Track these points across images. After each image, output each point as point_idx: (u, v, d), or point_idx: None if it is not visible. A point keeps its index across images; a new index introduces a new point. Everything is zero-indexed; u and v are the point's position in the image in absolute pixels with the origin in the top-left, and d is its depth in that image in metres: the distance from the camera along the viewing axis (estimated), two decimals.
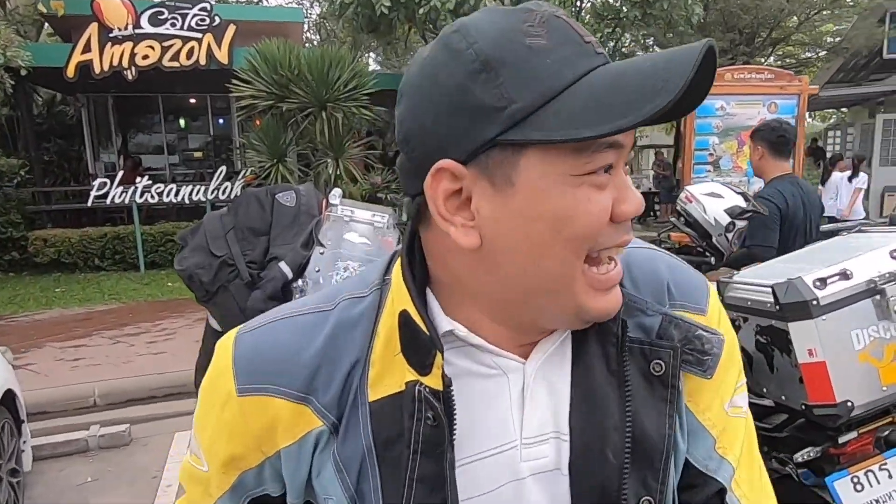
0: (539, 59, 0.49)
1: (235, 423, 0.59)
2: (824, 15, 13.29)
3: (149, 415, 4.49)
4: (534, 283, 0.55)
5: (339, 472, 0.57)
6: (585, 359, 0.60)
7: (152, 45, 8.72)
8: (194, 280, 2.53)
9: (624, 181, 0.54)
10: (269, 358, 0.58)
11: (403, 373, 0.57)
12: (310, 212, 2.75)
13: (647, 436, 0.59)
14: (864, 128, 14.25)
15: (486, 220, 0.53)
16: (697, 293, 0.64)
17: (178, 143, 12.89)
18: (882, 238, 1.86)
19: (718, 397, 0.64)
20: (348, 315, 0.60)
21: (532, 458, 0.59)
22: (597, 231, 0.53)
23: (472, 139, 0.51)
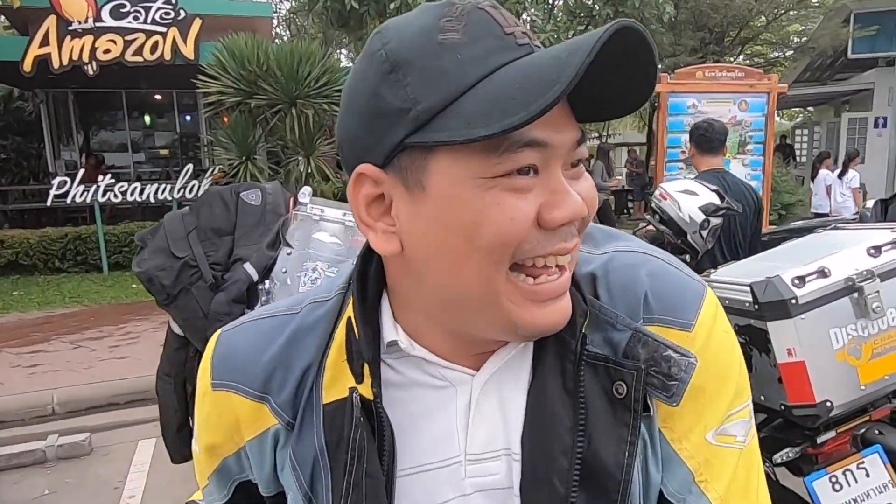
0: (449, 56, 0.47)
1: (210, 415, 0.62)
2: (791, 15, 13.57)
3: (110, 423, 4.33)
4: (457, 294, 0.52)
5: (294, 469, 0.58)
6: (543, 374, 0.56)
7: (114, 39, 8.46)
8: (154, 283, 2.42)
9: (559, 185, 0.49)
10: (235, 357, 0.61)
11: (349, 378, 0.57)
12: (276, 211, 2.65)
13: (602, 464, 0.54)
14: (831, 126, 14.63)
15: (405, 227, 0.52)
16: (684, 306, 0.57)
17: (144, 141, 12.57)
18: (858, 235, 1.85)
19: (700, 425, 0.57)
20: (309, 319, 0.61)
21: (478, 475, 0.57)
22: (513, 239, 0.48)
23: (384, 143, 0.50)
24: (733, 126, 6.56)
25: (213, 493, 0.67)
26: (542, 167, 0.49)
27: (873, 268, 1.63)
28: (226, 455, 0.63)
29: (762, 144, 6.56)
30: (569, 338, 0.55)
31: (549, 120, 0.46)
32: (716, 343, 0.57)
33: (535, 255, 0.50)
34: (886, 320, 1.63)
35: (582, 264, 0.59)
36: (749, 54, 15.01)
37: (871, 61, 13.86)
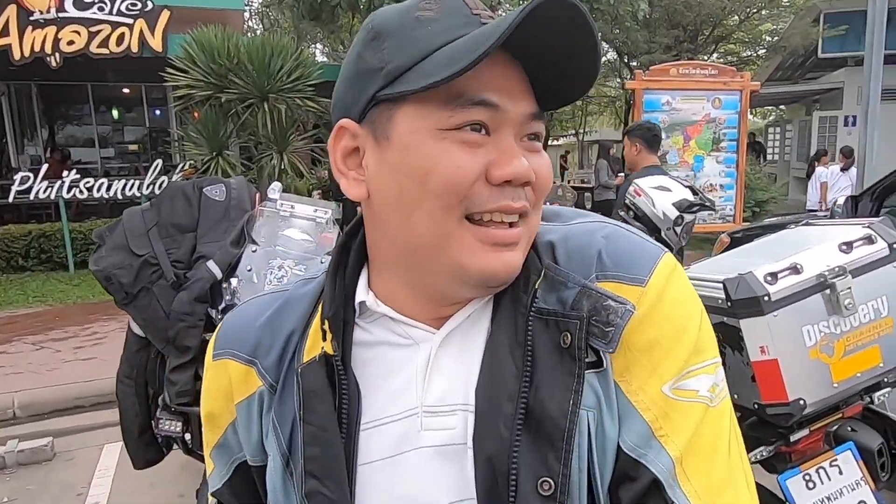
0: (422, 27, 0.55)
1: (210, 384, 0.68)
2: (763, 14, 13.77)
3: (74, 426, 4.21)
4: (411, 239, 0.57)
5: (274, 429, 0.62)
6: (498, 330, 0.59)
7: (78, 31, 8.21)
8: (113, 282, 2.32)
9: (508, 147, 0.55)
10: (233, 328, 0.68)
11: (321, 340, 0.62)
12: (241, 206, 2.57)
13: (546, 411, 0.55)
14: (802, 124, 14.90)
15: (371, 174, 0.58)
16: (638, 263, 0.59)
17: (112, 136, 12.28)
18: (829, 231, 1.84)
19: (655, 376, 0.56)
20: (295, 294, 0.67)
21: (435, 428, 0.59)
22: (460, 186, 0.54)
23: (362, 99, 0.57)
24: (707, 123, 6.62)
25: (215, 475, 0.70)
26: (493, 129, 0.55)
27: (845, 264, 1.62)
28: (224, 425, 0.67)
29: (735, 142, 6.63)
30: (522, 293, 0.59)
31: (503, 87, 0.54)
32: (671, 297, 0.58)
33: (483, 208, 0.55)
34: (858, 317, 1.62)
35: (544, 234, 0.63)
36: (722, 52, 15.20)
37: (841, 61, 14.14)
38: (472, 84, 0.53)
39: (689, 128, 6.55)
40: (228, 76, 7.80)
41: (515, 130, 0.56)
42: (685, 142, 6.61)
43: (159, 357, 2.41)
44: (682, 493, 0.54)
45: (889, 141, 6.53)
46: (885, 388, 1.77)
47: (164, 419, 2.32)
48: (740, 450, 0.58)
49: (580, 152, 23.27)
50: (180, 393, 2.22)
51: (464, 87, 0.53)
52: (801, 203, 13.75)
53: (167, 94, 9.99)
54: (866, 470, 1.73)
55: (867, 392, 1.75)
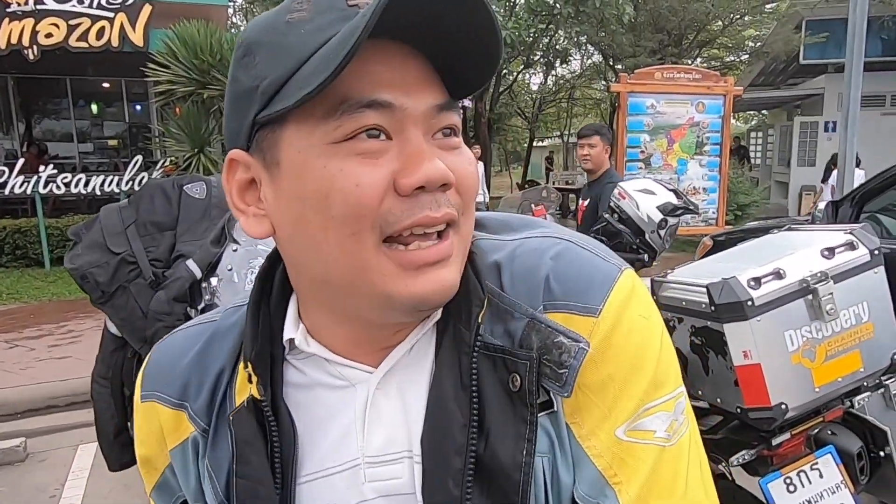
0: (294, 32, 0.48)
1: (140, 427, 0.62)
2: (746, 20, 13.95)
3: (48, 426, 4.12)
4: (324, 273, 0.50)
5: (210, 478, 0.57)
6: (441, 370, 0.53)
7: (57, 23, 8.06)
8: (89, 280, 2.27)
9: (414, 149, 0.47)
10: (159, 367, 0.61)
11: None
12: (222, 205, 2.52)
13: (499, 463, 0.50)
14: (783, 129, 15.10)
15: (271, 208, 0.51)
16: (590, 290, 0.52)
17: (91, 131, 12.08)
18: (812, 236, 1.85)
19: (610, 419, 0.51)
20: (223, 326, 0.61)
21: (379, 479, 0.54)
22: (364, 207, 0.46)
23: (244, 125, 0.50)
24: (691, 127, 6.67)
25: None
26: (394, 131, 0.47)
27: (827, 269, 1.63)
28: (161, 468, 0.62)
29: (719, 146, 6.70)
30: (464, 329, 0.52)
31: (395, 81, 0.47)
32: (626, 328, 0.51)
33: (400, 226, 0.47)
34: (840, 322, 1.64)
35: (490, 252, 0.56)
36: (706, 57, 15.39)
37: (822, 67, 14.36)
38: (357, 85, 0.46)
39: (673, 131, 6.61)
40: (211, 72, 7.72)
41: (423, 128, 0.48)
42: (669, 145, 6.66)
43: (136, 357, 2.36)
44: None
45: (867, 147, 6.65)
46: (865, 393, 1.79)
47: None
48: (703, 478, 0.53)
49: (565, 154, 23.37)
50: None
51: (347, 90, 0.46)
52: (782, 207, 13.96)
53: (148, 90, 9.85)
54: (846, 473, 1.75)
55: (847, 396, 1.77)
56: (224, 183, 0.54)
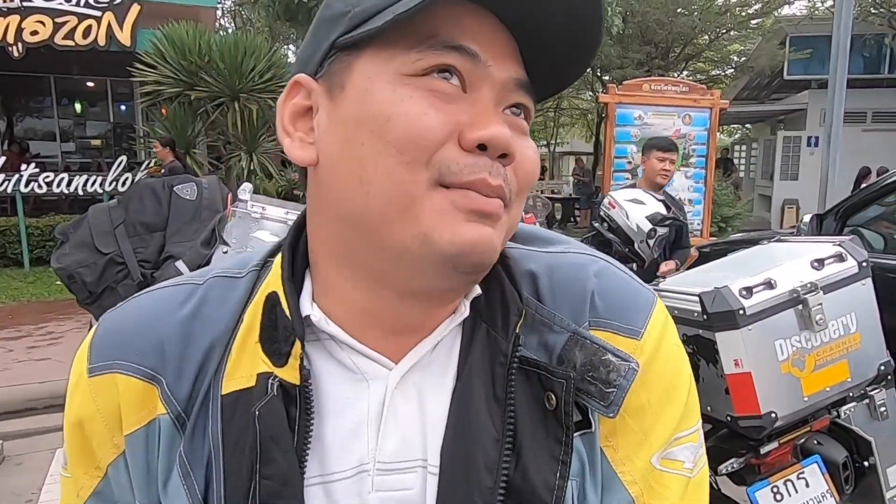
0: None
1: (85, 409, 0.50)
2: (732, 35, 14.18)
3: (25, 429, 4.03)
4: (362, 207, 0.45)
5: (184, 477, 0.48)
6: (469, 377, 0.49)
7: (42, 21, 7.95)
8: (76, 280, 2.25)
9: (486, 108, 0.45)
10: (123, 332, 0.51)
11: (257, 364, 0.48)
12: (213, 207, 2.51)
13: (530, 484, 0.47)
14: (767, 143, 15.36)
15: (322, 134, 0.48)
16: (633, 311, 0.52)
17: (74, 130, 11.91)
18: (801, 247, 1.88)
19: (646, 446, 0.51)
20: (216, 293, 0.52)
21: (388, 489, 0.48)
22: (427, 140, 0.43)
23: (322, 48, 0.48)
24: (677, 139, 6.75)
25: None
26: (470, 84, 0.45)
27: (817, 280, 1.66)
28: (105, 465, 0.51)
29: (704, 158, 6.77)
30: (500, 337, 0.49)
31: (487, 39, 0.45)
32: (664, 356, 0.52)
33: (457, 179, 0.44)
34: (828, 332, 1.66)
35: (523, 261, 0.54)
36: (692, 70, 15.60)
37: (805, 83, 14.65)
38: (448, 28, 0.44)
39: None
40: (199, 74, 7.66)
41: (497, 94, 0.46)
42: None
43: None
44: None
45: (849, 162, 6.77)
46: (851, 403, 1.82)
47: None
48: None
49: (551, 163, 23.54)
50: None
51: (438, 28, 0.43)
52: (764, 220, 14.16)
53: (134, 90, 9.74)
54: (831, 483, 1.77)
55: (834, 406, 1.80)
56: (279, 104, 0.50)
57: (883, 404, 1.87)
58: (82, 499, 0.52)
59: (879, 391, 1.86)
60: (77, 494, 0.53)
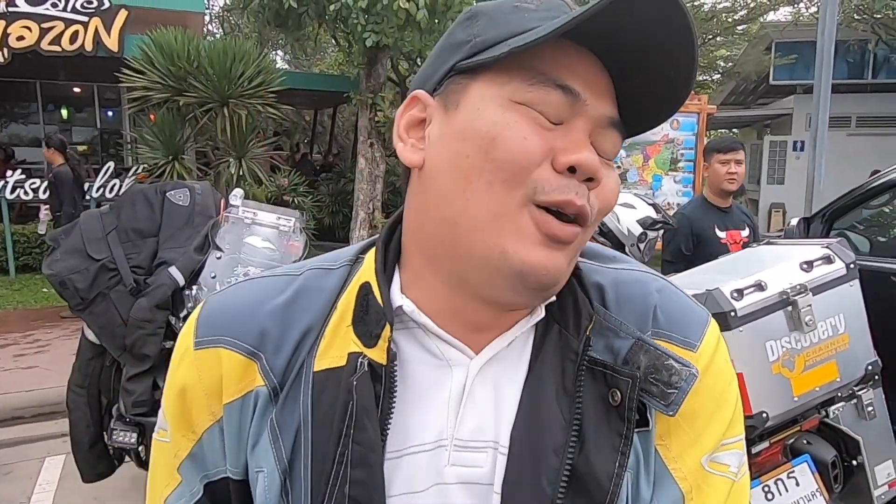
0: (518, 14, 0.53)
1: (189, 378, 0.57)
2: (718, 41, 14.32)
3: (13, 438, 3.98)
4: (458, 215, 0.51)
5: (273, 441, 0.54)
6: (540, 370, 0.55)
7: (29, 26, 7.88)
8: (67, 286, 2.23)
9: (579, 136, 0.51)
10: (228, 312, 0.58)
11: (349, 345, 0.55)
12: (206, 212, 2.50)
13: (591, 470, 0.52)
14: (754, 148, 15.49)
15: (432, 142, 0.54)
16: (690, 326, 0.58)
17: (60, 136, 11.81)
18: (790, 250, 1.91)
19: (697, 447, 0.56)
20: (312, 284, 0.59)
21: (462, 464, 0.54)
22: (526, 162, 0.49)
23: (441, 70, 0.55)
24: (666, 143, 6.82)
25: (182, 492, 0.59)
26: (567, 118, 0.51)
27: (806, 282, 1.69)
28: (201, 431, 0.58)
29: (692, 162, 6.84)
30: (572, 337, 0.55)
31: (589, 80, 0.51)
32: (716, 368, 0.57)
33: (549, 198, 0.49)
34: (817, 333, 1.69)
35: (591, 274, 0.60)
36: None
37: (791, 88, 14.81)
38: (556, 68, 0.50)
39: (649, 147, 6.74)
40: (187, 79, 7.63)
41: (590, 128, 0.51)
42: (644, 161, 6.79)
43: (115, 365, 2.32)
44: None
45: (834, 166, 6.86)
46: (839, 403, 1.84)
47: (118, 430, 2.23)
48: None
49: None
50: (137, 403, 2.14)
51: (548, 67, 0.50)
52: None
53: (121, 95, 9.67)
54: (821, 481, 1.80)
55: (823, 406, 1.82)
56: (397, 114, 0.58)
57: (870, 404, 1.90)
58: (179, 458, 0.59)
59: (867, 391, 1.89)
60: (175, 455, 0.59)
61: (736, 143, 3.08)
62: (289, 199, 8.89)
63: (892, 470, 1.91)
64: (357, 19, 6.86)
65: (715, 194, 3.05)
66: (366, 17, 6.90)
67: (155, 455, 0.61)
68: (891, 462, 1.91)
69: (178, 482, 0.59)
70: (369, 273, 0.57)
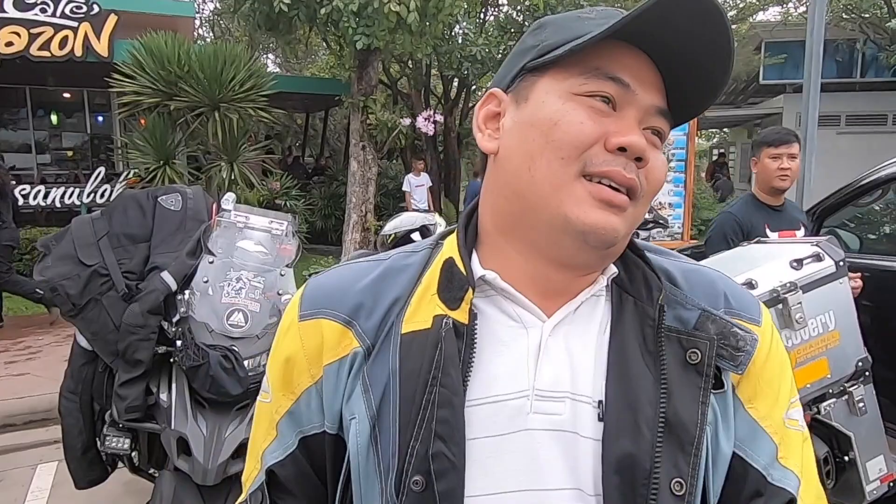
0: (580, 22, 0.62)
1: (293, 346, 0.67)
2: None
3: (5, 446, 3.96)
4: (526, 187, 0.61)
5: (365, 391, 0.62)
6: (622, 335, 0.63)
7: (17, 32, 7.84)
8: (59, 292, 2.21)
9: (629, 122, 0.59)
10: (327, 290, 0.68)
11: (434, 310, 0.63)
12: (197, 217, 2.49)
13: (679, 418, 0.60)
14: (745, 147, 15.58)
15: (505, 132, 0.65)
16: (752, 308, 0.68)
17: (50, 142, 11.72)
18: (780, 248, 1.93)
19: (777, 406, 0.66)
20: (399, 263, 0.69)
21: (543, 413, 0.60)
22: (580, 141, 0.58)
23: (514, 70, 0.65)
24: None
25: (277, 445, 0.68)
26: (619, 106, 0.60)
27: (796, 280, 1.70)
28: (300, 391, 0.66)
29: (684, 162, 6.86)
30: (647, 306, 0.63)
31: (637, 74, 0.60)
32: (776, 342, 0.68)
33: (597, 169, 0.58)
34: (808, 330, 1.70)
35: (659, 262, 0.69)
36: None
37: (781, 87, 14.89)
38: (609, 63, 0.59)
39: None
40: (178, 84, 7.60)
41: (639, 115, 0.60)
42: None
43: (107, 371, 2.30)
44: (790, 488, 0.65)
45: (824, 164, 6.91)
46: (831, 399, 1.86)
47: (111, 436, 2.21)
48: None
49: None
50: (129, 408, 2.13)
51: (602, 63, 0.59)
52: None
53: (111, 100, 9.64)
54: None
55: (814, 403, 1.84)
56: (476, 109, 0.68)
57: (861, 400, 1.91)
58: (279, 415, 0.68)
59: (858, 387, 1.90)
60: (275, 411, 0.68)
61: (789, 134, 2.72)
62: (281, 202, 8.87)
63: (884, 465, 1.93)
64: (348, 22, 6.85)
65: (765, 192, 2.72)
66: (357, 20, 6.89)
67: (257, 414, 0.72)
68: (882, 457, 1.93)
69: (274, 437, 0.68)
70: (452, 250, 0.67)
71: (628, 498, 0.57)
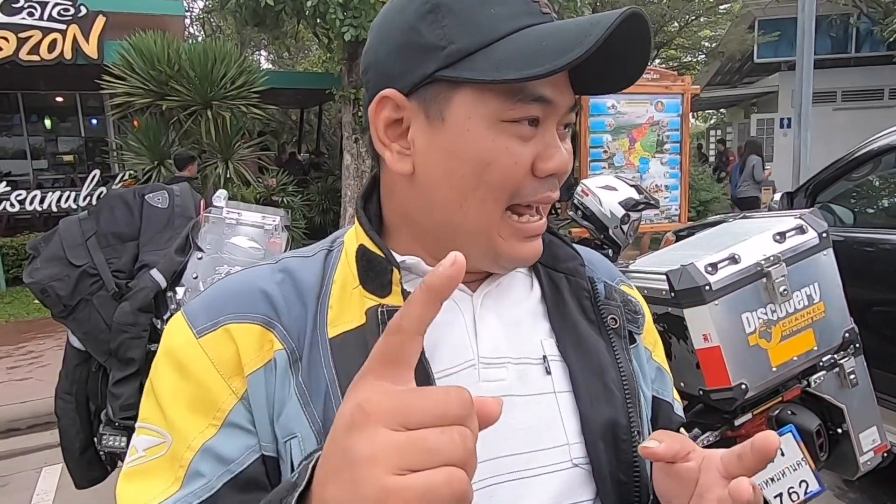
0: (484, 9, 0.55)
1: (199, 366, 0.57)
2: (701, 21, 14.30)
3: (9, 450, 3.99)
4: (457, 223, 0.59)
5: (305, 405, 0.56)
6: (562, 306, 0.67)
7: (6, 37, 7.82)
8: (49, 294, 2.22)
9: (552, 140, 0.58)
10: (225, 297, 0.60)
11: (363, 304, 0.60)
12: (185, 214, 2.49)
13: (626, 368, 0.66)
14: (741, 127, 15.52)
15: (419, 151, 0.59)
16: (622, 276, 0.79)
17: (45, 147, 11.71)
18: (764, 223, 1.92)
19: (660, 346, 0.78)
20: (296, 264, 0.63)
21: (490, 379, 0.62)
22: (515, 181, 0.57)
23: (415, 73, 0.57)
24: (651, 126, 6.82)
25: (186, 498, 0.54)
26: (541, 121, 0.57)
27: (779, 253, 1.70)
28: (227, 408, 0.56)
29: (679, 144, 6.84)
30: (581, 280, 0.69)
31: (556, 82, 0.56)
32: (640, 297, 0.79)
33: (527, 200, 0.59)
34: (793, 303, 1.70)
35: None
36: (664, 58, 15.72)
37: (776, 65, 14.81)
38: (535, 84, 0.55)
39: (635, 130, 6.74)
40: (169, 83, 7.59)
41: (558, 121, 0.59)
42: (631, 144, 6.79)
43: (101, 370, 2.31)
44: (677, 403, 0.77)
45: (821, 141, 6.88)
46: (821, 372, 1.85)
47: (107, 435, 2.23)
48: None
49: None
50: (124, 406, 2.14)
51: (527, 84, 0.54)
52: None
53: (104, 103, 9.62)
54: (806, 451, 1.81)
55: (804, 376, 1.83)
56: (371, 115, 0.60)
57: (852, 372, 1.90)
58: (192, 452, 0.55)
59: (848, 359, 1.90)
60: (181, 455, 0.55)
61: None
62: (278, 199, 8.87)
63: (877, 436, 1.93)
64: (335, 14, 6.82)
65: None
66: (344, 11, 6.86)
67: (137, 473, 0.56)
68: (875, 428, 1.93)
69: (176, 490, 0.54)
70: (361, 238, 0.63)
71: (613, 455, 0.61)
